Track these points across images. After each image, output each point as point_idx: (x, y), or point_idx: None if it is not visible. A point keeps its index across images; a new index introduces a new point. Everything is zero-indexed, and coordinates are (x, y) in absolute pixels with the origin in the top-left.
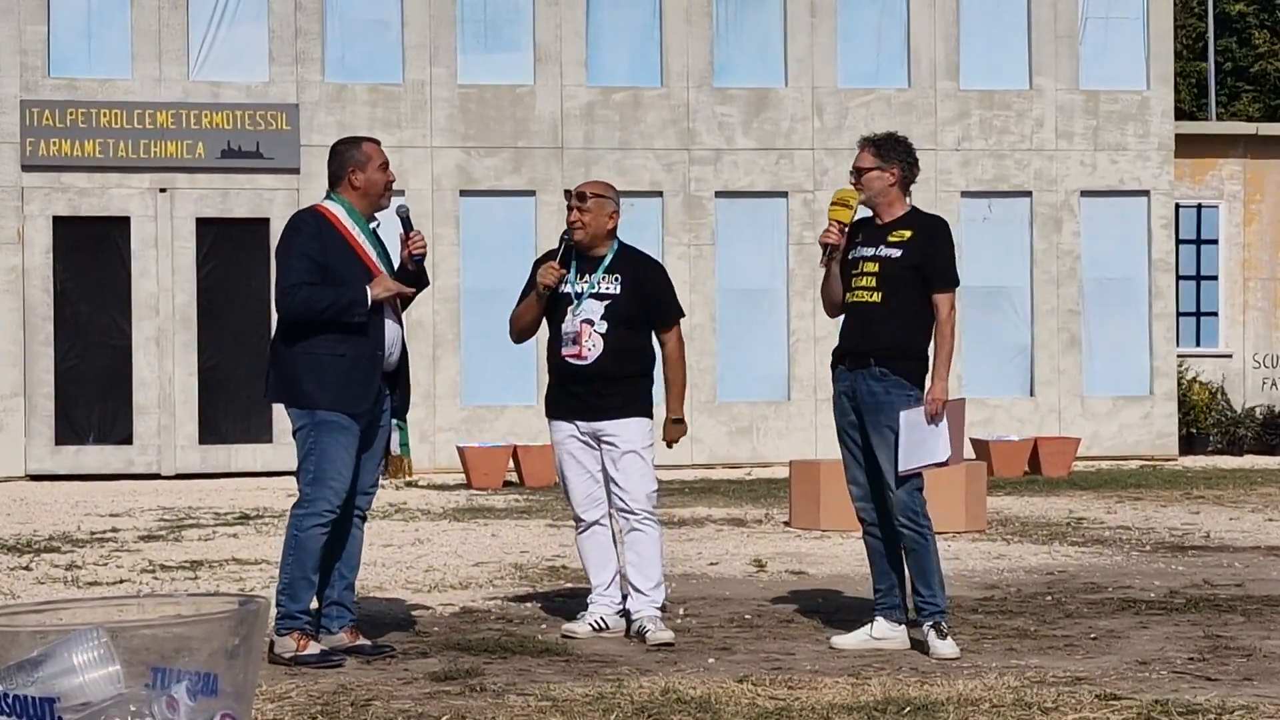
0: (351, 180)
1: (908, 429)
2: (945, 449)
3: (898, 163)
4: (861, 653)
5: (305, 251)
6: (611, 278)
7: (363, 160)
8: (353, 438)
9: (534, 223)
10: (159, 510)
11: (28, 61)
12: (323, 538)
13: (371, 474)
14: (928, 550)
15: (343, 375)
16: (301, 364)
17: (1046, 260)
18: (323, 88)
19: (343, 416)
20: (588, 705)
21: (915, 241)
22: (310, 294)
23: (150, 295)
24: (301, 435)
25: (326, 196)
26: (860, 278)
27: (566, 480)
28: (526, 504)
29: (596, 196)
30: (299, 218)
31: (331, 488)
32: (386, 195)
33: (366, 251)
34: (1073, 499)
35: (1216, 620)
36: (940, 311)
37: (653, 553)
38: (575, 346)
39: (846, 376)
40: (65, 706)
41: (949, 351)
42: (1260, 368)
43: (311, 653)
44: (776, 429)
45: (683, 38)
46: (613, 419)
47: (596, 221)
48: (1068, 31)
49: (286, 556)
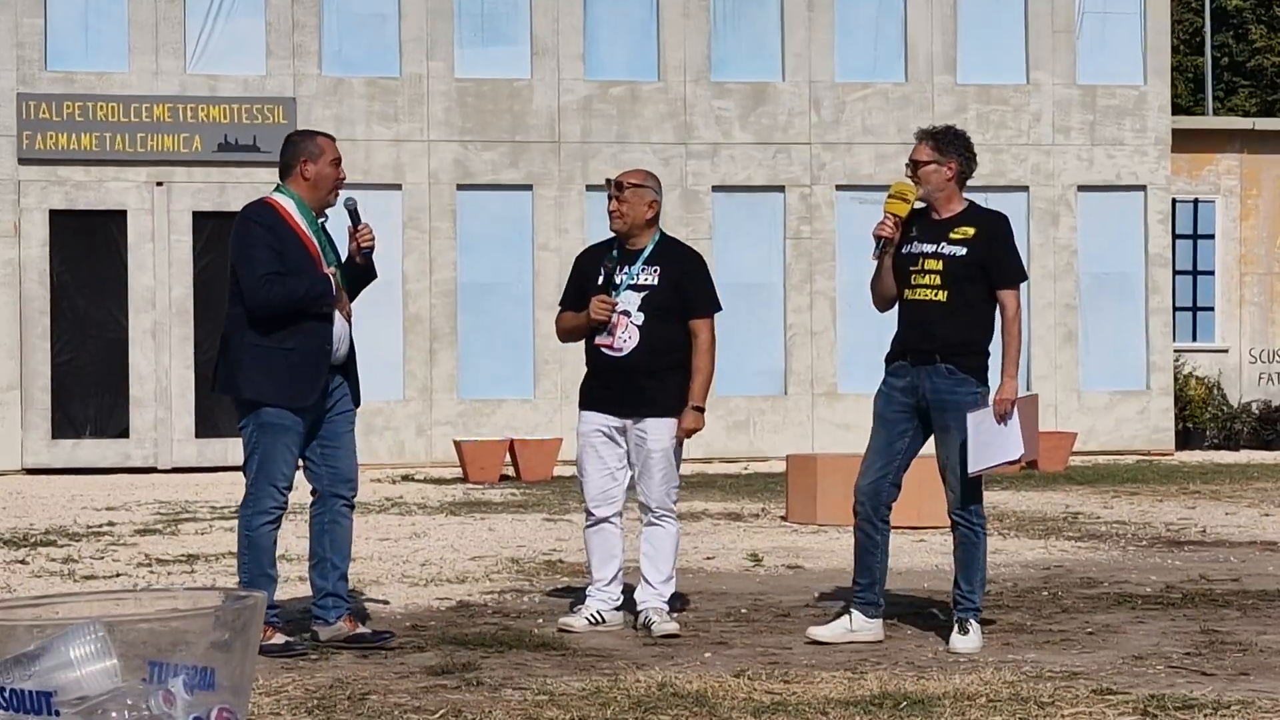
0: (302, 171)
1: (975, 430)
2: (1018, 446)
3: (955, 156)
4: (858, 646)
5: (266, 242)
6: (651, 269)
7: (315, 153)
8: (296, 435)
9: (531, 217)
10: (155, 504)
11: (24, 54)
12: (273, 532)
13: (348, 462)
14: (977, 548)
15: (291, 369)
16: (250, 356)
17: (1043, 255)
18: (320, 81)
19: (286, 414)
20: (584, 699)
21: (979, 239)
22: (283, 284)
23: (147, 289)
24: (246, 433)
25: (275, 189)
26: (921, 275)
27: (584, 473)
28: (523, 498)
29: (635, 186)
30: (253, 210)
31: (275, 485)
32: (334, 193)
33: (315, 246)
34: (1069, 494)
35: (1213, 615)
36: (1007, 309)
37: (668, 548)
38: (609, 337)
39: (908, 372)
40: (62, 700)
41: (1017, 349)
42: (1257, 362)
43: (276, 643)
44: (773, 423)
45: (680, 32)
46: (645, 416)
47: (635, 211)
48: (1065, 26)
49: (242, 556)
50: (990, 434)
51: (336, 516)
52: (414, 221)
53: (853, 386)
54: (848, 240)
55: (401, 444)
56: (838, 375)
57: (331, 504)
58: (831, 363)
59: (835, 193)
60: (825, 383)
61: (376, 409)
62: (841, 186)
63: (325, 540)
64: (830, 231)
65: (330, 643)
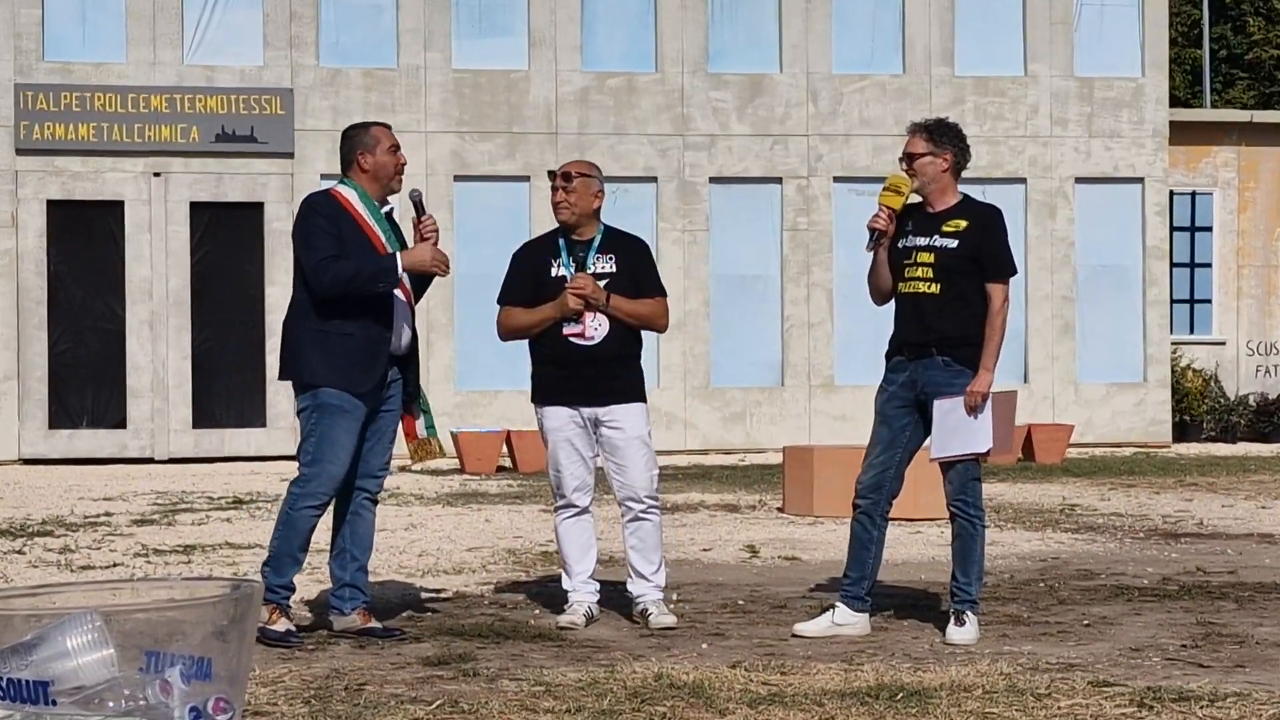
0: (360, 163)
1: (942, 417)
2: (986, 440)
3: (950, 149)
4: (854, 638)
5: (326, 230)
6: (605, 257)
7: (370, 143)
8: (355, 420)
9: (528, 208)
10: (152, 494)
11: (22, 45)
12: (314, 519)
13: (380, 457)
14: (975, 540)
15: (349, 354)
16: (310, 341)
17: (1040, 247)
18: (317, 72)
19: (346, 398)
20: (580, 690)
21: (971, 232)
22: (343, 266)
23: (144, 279)
24: (304, 416)
25: (339, 181)
26: (915, 268)
27: (560, 466)
28: (520, 489)
29: (582, 176)
30: (313, 199)
31: (329, 470)
32: (397, 178)
33: (378, 235)
34: (1066, 486)
35: (1209, 607)
36: (994, 302)
37: (655, 539)
38: (579, 326)
39: (907, 367)
40: (59, 690)
41: (998, 343)
42: (1254, 355)
43: (277, 628)
44: (770, 415)
45: (677, 23)
46: (617, 404)
47: (583, 201)
48: (1063, 18)
49: (277, 530)
50: (957, 423)
51: (359, 509)
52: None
53: (849, 378)
54: (845, 232)
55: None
56: (834, 367)
57: (356, 496)
58: (828, 354)
59: (832, 184)
60: (822, 374)
61: None
62: (839, 178)
63: (346, 532)
64: (827, 223)
65: (343, 633)
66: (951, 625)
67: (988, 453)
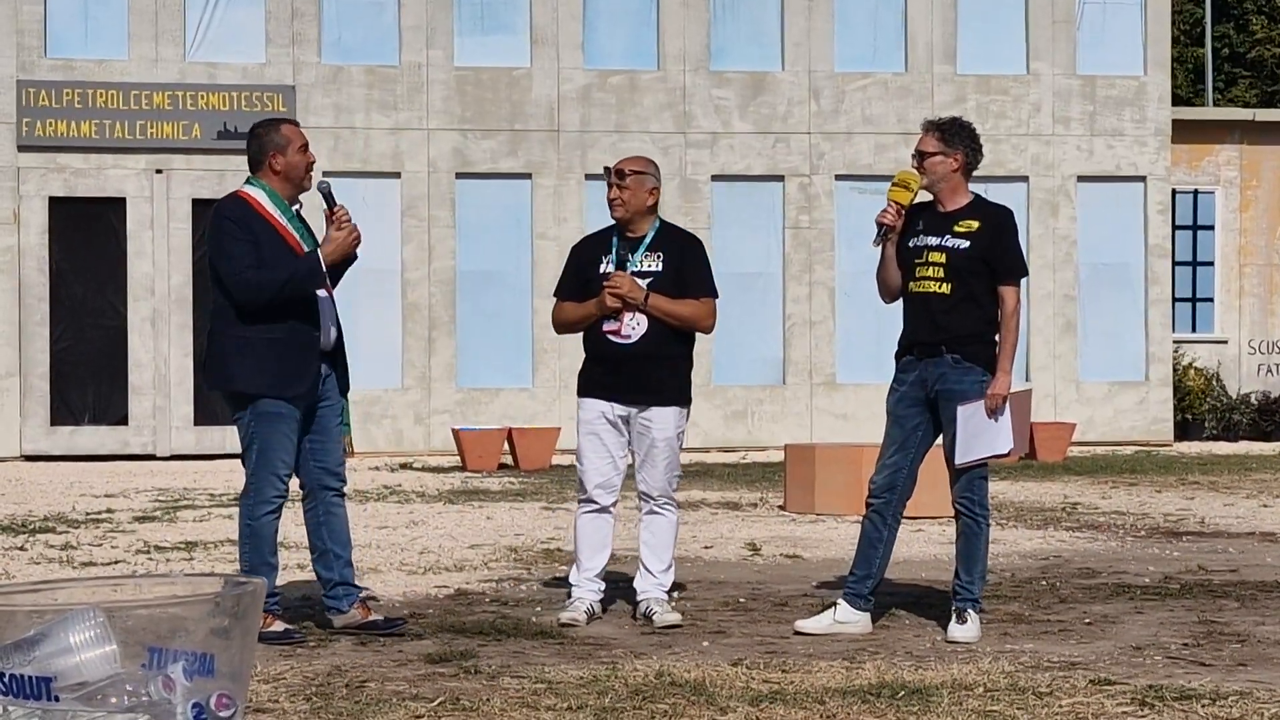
0: (272, 164)
1: (965, 422)
2: (1007, 440)
3: (962, 148)
4: (856, 636)
5: (241, 236)
6: (653, 256)
7: (282, 143)
8: (293, 423)
9: (530, 205)
10: (154, 491)
11: (24, 42)
12: (274, 521)
13: (335, 452)
14: (979, 538)
15: (278, 359)
16: (236, 349)
17: (1043, 245)
18: (319, 69)
19: (281, 404)
20: (582, 688)
21: (983, 233)
22: (270, 275)
23: (146, 276)
24: (242, 425)
25: (246, 182)
26: (925, 267)
27: (584, 460)
28: (521, 487)
29: (636, 173)
30: (223, 206)
31: (277, 474)
32: (308, 177)
33: (292, 235)
34: (1068, 484)
35: (1211, 606)
36: (1006, 304)
37: (669, 536)
38: (616, 323)
39: (916, 366)
40: (62, 686)
41: (1013, 344)
42: (1256, 354)
43: (275, 630)
44: (772, 413)
45: (679, 21)
46: (651, 405)
47: (636, 199)
48: (1065, 16)
49: (243, 545)
50: (980, 426)
51: (330, 508)
52: (412, 210)
53: (851, 376)
54: (847, 230)
55: (400, 432)
56: (836, 365)
57: (322, 496)
58: (830, 353)
59: (834, 182)
60: (824, 373)
61: (375, 397)
62: (841, 176)
63: (323, 533)
64: (829, 221)
65: (345, 629)
66: (953, 623)
67: (1009, 453)
